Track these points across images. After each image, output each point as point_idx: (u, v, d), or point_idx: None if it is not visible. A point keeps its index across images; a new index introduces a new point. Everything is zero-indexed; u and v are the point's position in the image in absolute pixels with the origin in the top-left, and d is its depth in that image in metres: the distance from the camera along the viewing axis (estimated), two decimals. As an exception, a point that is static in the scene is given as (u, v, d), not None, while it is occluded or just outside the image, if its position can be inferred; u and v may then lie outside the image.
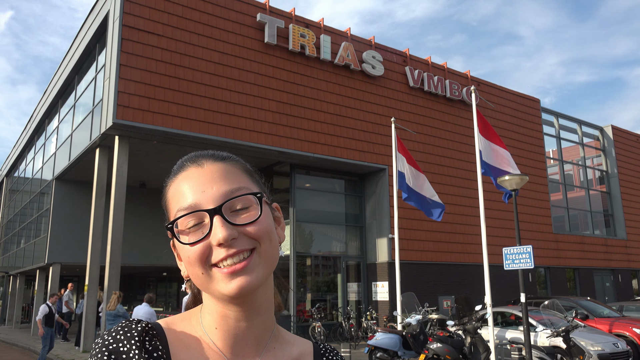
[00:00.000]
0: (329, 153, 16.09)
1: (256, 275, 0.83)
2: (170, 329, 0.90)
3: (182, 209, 0.85)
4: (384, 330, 11.46)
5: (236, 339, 0.88)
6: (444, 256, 18.22)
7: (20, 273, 24.24)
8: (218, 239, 0.81)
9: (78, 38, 16.91)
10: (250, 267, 0.82)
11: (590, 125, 27.01)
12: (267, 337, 0.91)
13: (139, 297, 24.88)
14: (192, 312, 0.94)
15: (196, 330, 0.90)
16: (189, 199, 0.85)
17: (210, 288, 0.84)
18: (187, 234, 0.84)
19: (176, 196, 0.88)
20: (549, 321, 10.94)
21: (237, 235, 0.82)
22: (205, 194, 0.85)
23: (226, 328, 0.87)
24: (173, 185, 0.91)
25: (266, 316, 0.90)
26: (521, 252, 9.64)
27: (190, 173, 0.89)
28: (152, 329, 0.87)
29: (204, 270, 0.83)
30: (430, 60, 19.67)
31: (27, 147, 25.71)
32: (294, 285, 16.05)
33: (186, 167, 0.91)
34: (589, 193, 26.03)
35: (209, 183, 0.86)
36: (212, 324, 0.88)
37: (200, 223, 0.84)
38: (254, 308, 0.87)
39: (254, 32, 15.32)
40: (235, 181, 0.88)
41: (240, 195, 0.86)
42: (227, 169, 0.90)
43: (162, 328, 0.89)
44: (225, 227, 0.82)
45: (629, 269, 25.64)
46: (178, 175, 0.91)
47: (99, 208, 14.36)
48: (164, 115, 13.21)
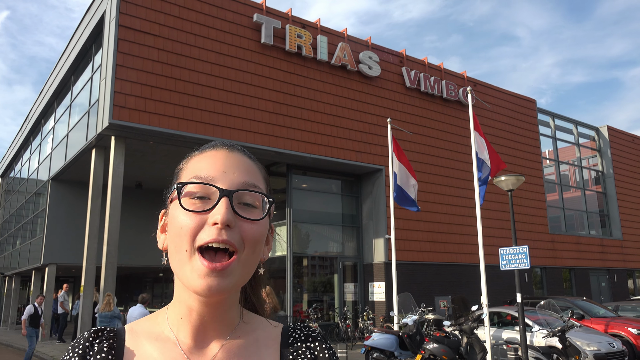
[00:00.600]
0: (326, 153, 16.09)
1: (229, 280, 0.83)
2: (131, 331, 0.92)
3: (198, 177, 0.86)
4: (380, 331, 11.47)
5: (197, 330, 0.89)
6: (440, 256, 18.24)
7: (16, 274, 24.15)
8: (216, 218, 0.81)
9: (74, 38, 16.87)
10: (228, 270, 0.82)
11: (586, 125, 27.10)
12: (229, 329, 0.92)
13: (135, 298, 24.83)
14: (160, 311, 0.96)
15: (161, 326, 0.92)
16: (208, 172, 0.87)
17: (183, 271, 0.84)
18: (188, 201, 0.85)
19: (195, 166, 0.90)
20: (545, 321, 10.96)
21: (234, 225, 0.83)
22: (226, 175, 0.87)
23: (189, 319, 0.89)
24: (197, 157, 0.92)
25: (230, 313, 0.92)
26: (517, 253, 9.66)
27: (219, 153, 0.91)
28: (107, 334, 0.90)
29: (189, 247, 0.83)
30: (427, 61, 19.69)
31: (22, 148, 25.63)
32: (290, 286, 16.04)
33: (217, 147, 0.93)
34: (585, 193, 26.12)
35: (233, 167, 0.88)
36: (178, 315, 0.90)
37: (206, 198, 0.85)
38: (219, 306, 0.88)
39: (251, 32, 15.31)
40: (256, 179, 0.90)
41: (257, 191, 0.87)
42: (253, 167, 0.93)
43: (123, 331, 0.92)
44: (228, 210, 0.82)
45: (624, 269, 25.73)
46: (207, 151, 0.93)
47: (95, 208, 14.32)
48: (160, 115, 13.19)
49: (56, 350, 14.56)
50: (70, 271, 22.90)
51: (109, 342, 0.88)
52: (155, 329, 0.92)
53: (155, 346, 0.89)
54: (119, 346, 0.89)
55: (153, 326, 0.93)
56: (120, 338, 0.90)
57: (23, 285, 29.14)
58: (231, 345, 0.91)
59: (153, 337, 0.90)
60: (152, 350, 0.88)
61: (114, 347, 0.88)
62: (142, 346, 0.89)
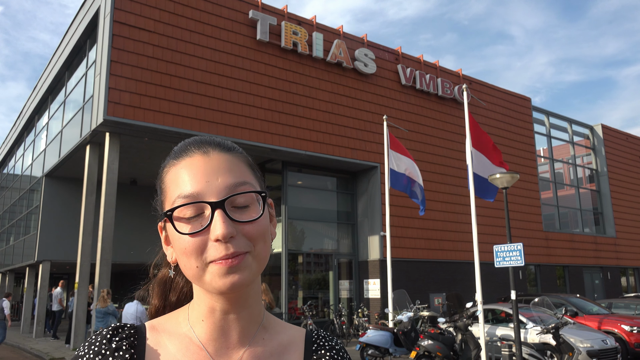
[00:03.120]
0: (321, 151, 16.09)
1: (248, 273, 0.82)
2: (153, 329, 0.90)
3: (183, 197, 0.83)
4: (375, 328, 11.49)
5: (222, 331, 0.87)
6: (435, 254, 18.29)
7: (10, 270, 24.04)
8: (217, 235, 0.79)
9: (68, 34, 16.77)
10: (243, 264, 0.81)
11: (580, 124, 27.21)
12: (254, 328, 0.90)
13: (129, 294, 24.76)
14: (181, 309, 0.94)
15: (182, 326, 0.90)
16: (192, 187, 0.83)
17: (202, 280, 0.83)
18: (184, 223, 0.82)
19: (177, 182, 0.86)
20: (539, 318, 11.02)
21: (236, 233, 0.81)
22: (210, 185, 0.83)
23: (213, 320, 0.87)
24: (174, 168, 0.88)
25: (253, 308, 0.90)
26: (512, 250, 9.69)
27: (194, 160, 0.86)
28: (127, 331, 0.87)
29: (199, 264, 0.81)
30: (423, 59, 19.70)
31: (16, 144, 25.48)
32: (285, 283, 16.04)
33: (190, 153, 0.88)
34: (579, 191, 26.23)
35: (214, 174, 0.84)
36: (199, 317, 0.88)
37: (199, 214, 0.82)
38: (242, 301, 0.87)
39: (246, 29, 15.27)
40: (240, 175, 0.86)
41: (246, 192, 0.84)
42: (233, 161, 0.88)
43: (144, 329, 0.89)
44: (226, 223, 0.80)
45: (617, 266, 25.88)
46: (180, 159, 0.88)
47: (89, 205, 14.26)
48: (155, 112, 13.14)
49: (50, 347, 14.52)
50: (64, 268, 22.81)
51: (128, 340, 0.85)
52: (177, 328, 0.90)
53: (178, 347, 0.87)
54: (140, 344, 0.86)
55: (175, 326, 0.90)
56: (142, 336, 0.88)
57: (17, 282, 29.00)
58: (255, 350, 0.89)
59: (175, 337, 0.88)
60: (175, 351, 0.86)
61: (134, 345, 0.86)
62: (164, 346, 0.87)
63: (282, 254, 16.14)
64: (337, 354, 0.95)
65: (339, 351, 0.96)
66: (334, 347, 0.96)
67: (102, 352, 0.83)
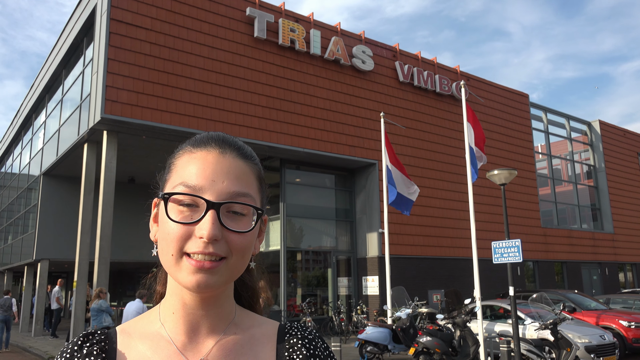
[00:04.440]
0: (319, 148, 16.08)
1: (218, 278, 0.83)
2: (123, 331, 0.92)
3: (185, 185, 0.84)
4: (374, 324, 11.52)
5: (190, 326, 0.89)
6: (433, 250, 18.31)
7: (8, 269, 24.02)
8: (202, 234, 0.81)
9: (65, 32, 16.71)
10: (215, 270, 0.82)
11: (578, 120, 27.23)
12: (224, 324, 0.91)
13: (128, 293, 24.76)
14: (152, 309, 0.96)
15: (153, 324, 0.92)
16: (197, 180, 0.84)
17: (171, 270, 0.85)
18: (177, 210, 0.84)
19: (186, 169, 0.87)
20: (537, 314, 11.05)
21: (220, 238, 0.82)
22: (214, 185, 0.84)
23: (182, 314, 0.89)
24: (188, 155, 0.89)
25: (224, 307, 0.92)
26: (510, 246, 9.71)
27: (210, 156, 0.88)
28: (97, 337, 0.90)
29: (175, 252, 0.83)
30: (420, 55, 19.69)
31: (14, 142, 25.42)
32: (284, 280, 16.06)
33: (208, 147, 0.90)
34: (577, 187, 26.28)
35: (222, 175, 0.86)
36: (170, 309, 0.90)
37: (194, 206, 0.84)
38: (212, 301, 0.88)
39: (244, 26, 15.24)
40: (246, 186, 0.87)
41: (244, 204, 0.85)
42: (245, 170, 0.89)
43: (114, 333, 0.91)
44: (215, 226, 0.81)
45: (615, 262, 25.95)
46: (198, 149, 0.89)
47: (87, 204, 14.24)
48: (153, 110, 13.11)
49: (49, 346, 14.52)
50: (62, 266, 22.80)
51: (99, 345, 0.88)
52: (147, 327, 0.91)
53: (148, 345, 0.88)
54: (111, 349, 0.88)
55: (145, 325, 0.92)
56: (112, 340, 0.89)
57: (15, 281, 28.99)
58: (226, 342, 0.90)
59: (145, 336, 0.90)
60: (145, 350, 0.88)
61: (105, 349, 0.87)
62: (134, 347, 0.89)
63: (280, 251, 16.15)
64: (310, 343, 0.94)
65: (312, 340, 0.95)
66: (307, 336, 0.96)
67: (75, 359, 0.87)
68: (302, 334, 0.96)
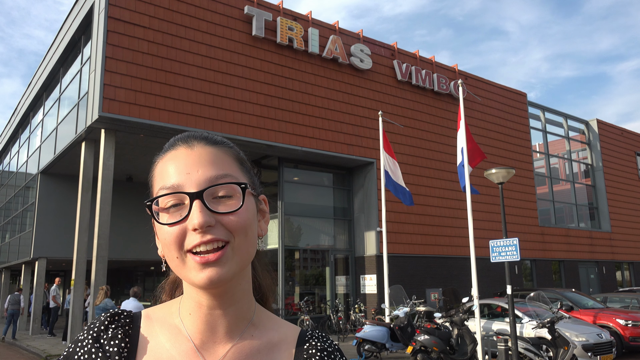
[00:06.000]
0: (317, 146, 16.08)
1: (228, 268, 0.82)
2: (147, 318, 0.92)
3: (164, 188, 0.84)
4: (372, 323, 11.53)
5: (208, 326, 0.88)
6: (431, 249, 18.33)
7: (5, 268, 23.98)
8: (194, 224, 0.80)
9: (63, 30, 16.67)
10: (222, 259, 0.81)
11: (575, 119, 27.27)
12: (242, 325, 0.90)
13: (126, 291, 24.75)
14: (174, 300, 0.95)
15: (173, 317, 0.91)
16: (173, 179, 0.84)
17: (182, 273, 0.84)
18: (166, 214, 0.84)
19: (161, 174, 0.87)
20: (534, 313, 11.07)
21: (214, 223, 0.81)
22: (190, 177, 0.84)
23: (199, 315, 0.88)
24: (161, 163, 0.90)
25: (241, 305, 0.90)
26: (507, 245, 9.72)
27: (178, 153, 0.88)
28: (123, 320, 0.90)
29: (179, 254, 0.82)
30: (418, 54, 19.69)
31: (11, 141, 25.37)
32: (282, 279, 16.06)
33: (176, 146, 0.89)
34: (575, 186, 26.32)
35: (195, 165, 0.85)
36: (188, 310, 0.89)
37: (180, 204, 0.83)
38: (228, 297, 0.87)
39: (242, 24, 15.22)
40: (223, 167, 0.86)
41: (225, 183, 0.84)
42: (217, 154, 0.88)
43: (139, 317, 0.92)
44: (203, 212, 0.80)
45: (613, 261, 26.00)
46: (167, 153, 0.90)
47: (85, 202, 14.22)
48: (151, 108, 13.09)
49: (47, 344, 14.50)
50: (60, 265, 22.78)
51: (124, 329, 0.88)
52: (169, 318, 0.92)
53: (168, 337, 0.89)
54: (134, 333, 0.89)
55: (167, 316, 0.92)
56: (136, 324, 0.90)
57: (13, 279, 28.94)
58: (242, 346, 0.89)
59: (166, 327, 0.90)
60: (165, 341, 0.88)
61: (129, 333, 0.88)
62: (156, 335, 0.89)
63: (278, 250, 16.15)
64: (329, 357, 0.93)
65: (331, 353, 0.94)
66: (326, 348, 0.94)
67: (100, 340, 0.87)
68: (322, 346, 0.94)
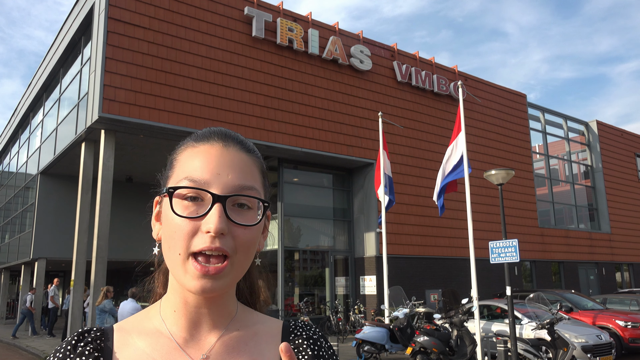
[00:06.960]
0: (317, 147, 16.08)
1: (223, 282, 0.82)
2: (120, 329, 0.90)
3: (190, 180, 0.83)
4: (371, 324, 11.53)
5: (192, 323, 0.88)
6: (431, 250, 18.33)
7: (5, 268, 23.96)
8: (209, 227, 0.80)
9: (63, 31, 16.68)
10: (221, 275, 0.81)
11: (575, 120, 27.27)
12: (226, 320, 0.90)
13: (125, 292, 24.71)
14: (151, 306, 0.95)
15: (153, 321, 0.90)
16: (202, 174, 0.83)
17: (176, 272, 0.83)
18: (182, 205, 0.83)
19: (189, 163, 0.86)
20: (534, 314, 11.06)
21: (227, 232, 0.81)
22: (220, 178, 0.83)
23: (184, 312, 0.88)
24: (191, 150, 0.88)
25: (227, 304, 0.91)
26: (507, 246, 9.72)
27: (214, 149, 0.87)
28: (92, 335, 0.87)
29: (183, 251, 0.81)
30: (418, 55, 19.70)
31: (11, 141, 25.37)
32: (281, 280, 16.05)
33: (212, 141, 0.88)
34: (574, 187, 26.32)
35: (226, 168, 0.85)
36: (172, 307, 0.89)
37: (197, 199, 0.83)
38: (215, 299, 0.88)
39: (242, 25, 15.23)
40: (251, 178, 0.87)
41: (250, 196, 0.84)
42: (248, 163, 0.88)
43: (111, 330, 0.89)
44: (222, 219, 0.80)
45: (612, 262, 26.00)
46: (200, 143, 0.88)
47: (84, 203, 14.22)
48: (151, 109, 13.10)
49: (46, 345, 14.49)
50: (60, 265, 22.76)
51: (94, 344, 0.86)
52: (146, 324, 0.90)
53: (147, 342, 0.87)
54: (106, 347, 0.86)
55: (144, 321, 0.91)
56: (107, 338, 0.87)
57: (12, 280, 28.92)
58: (229, 338, 0.89)
59: (144, 333, 0.88)
60: (144, 346, 0.86)
61: (100, 348, 0.85)
62: (132, 343, 0.87)
63: (278, 251, 16.15)
64: (315, 343, 0.94)
65: (317, 340, 0.95)
66: (312, 336, 0.95)
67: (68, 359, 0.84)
68: (307, 334, 0.95)
